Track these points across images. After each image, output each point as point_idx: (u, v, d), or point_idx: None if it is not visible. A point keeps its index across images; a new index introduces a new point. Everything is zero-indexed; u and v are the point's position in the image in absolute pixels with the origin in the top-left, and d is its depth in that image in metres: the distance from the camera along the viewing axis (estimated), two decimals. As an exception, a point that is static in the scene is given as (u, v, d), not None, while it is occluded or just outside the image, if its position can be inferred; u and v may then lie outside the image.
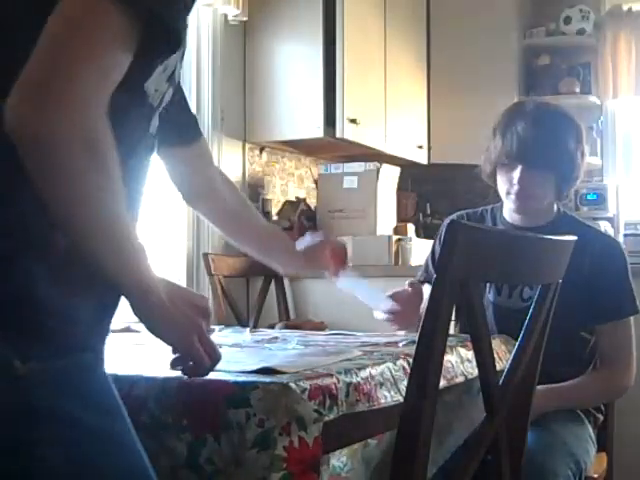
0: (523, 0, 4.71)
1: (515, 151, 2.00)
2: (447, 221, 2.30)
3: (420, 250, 3.54)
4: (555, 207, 2.14)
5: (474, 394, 1.50)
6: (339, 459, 1.24)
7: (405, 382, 1.29)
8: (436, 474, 1.56)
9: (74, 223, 0.98)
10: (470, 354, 1.57)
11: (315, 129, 3.62)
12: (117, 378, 1.22)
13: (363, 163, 3.71)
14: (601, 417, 2.12)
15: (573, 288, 1.69)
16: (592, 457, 1.97)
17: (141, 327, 1.11)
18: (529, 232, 1.91)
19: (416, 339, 1.19)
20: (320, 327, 3.06)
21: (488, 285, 2.05)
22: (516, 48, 4.64)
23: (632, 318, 2.07)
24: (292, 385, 1.11)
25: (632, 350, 2.06)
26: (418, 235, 3.80)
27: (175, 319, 1.11)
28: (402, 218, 3.92)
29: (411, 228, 3.79)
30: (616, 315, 2.04)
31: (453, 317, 1.33)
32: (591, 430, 2.02)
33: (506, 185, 2.05)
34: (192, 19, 3.57)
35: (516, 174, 2.00)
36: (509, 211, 2.13)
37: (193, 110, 1.73)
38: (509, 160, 2.02)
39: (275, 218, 3.81)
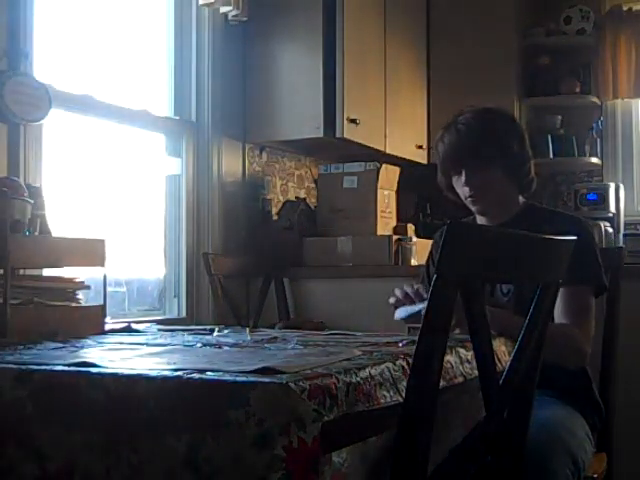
0: (523, 0, 4.71)
1: (449, 160, 2.14)
2: (437, 235, 2.36)
3: (420, 250, 3.54)
4: (521, 200, 2.18)
5: (474, 394, 1.49)
6: (339, 455, 1.24)
7: (405, 382, 1.30)
8: (435, 473, 1.56)
9: None
10: (470, 355, 1.57)
11: (315, 129, 3.61)
12: (117, 378, 1.23)
13: (363, 163, 3.70)
14: (598, 418, 2.11)
15: None
16: (590, 455, 1.97)
17: (141, 326, 1.12)
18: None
19: (416, 339, 1.19)
20: (320, 327, 3.06)
21: None
22: (516, 48, 4.64)
23: (591, 292, 2.03)
24: (291, 385, 1.11)
25: (588, 320, 2.01)
26: (418, 235, 3.79)
27: None
28: (402, 218, 3.92)
29: (411, 228, 3.79)
30: (568, 279, 1.97)
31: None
32: (588, 428, 2.02)
33: (461, 191, 2.16)
34: (192, 19, 3.57)
35: (462, 179, 2.12)
36: (476, 214, 2.21)
37: (192, 110, 1.73)
38: (452, 170, 2.14)
39: (275, 218, 3.81)
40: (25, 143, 2.67)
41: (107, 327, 2.02)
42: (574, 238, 1.51)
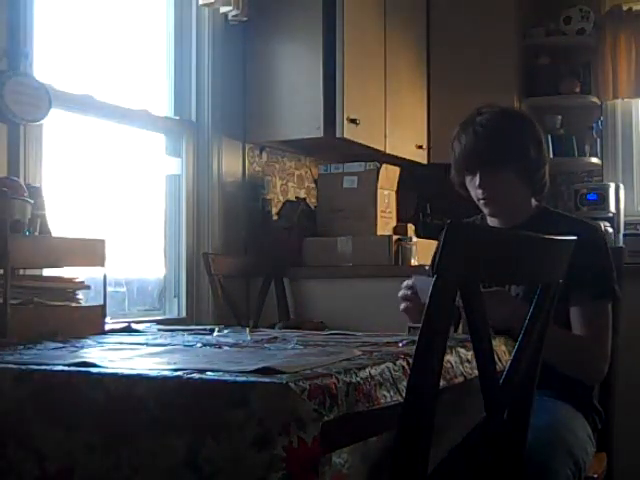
0: (523, 0, 4.71)
1: (464, 161, 2.10)
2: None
3: (420, 250, 3.54)
4: (534, 203, 2.17)
5: (474, 394, 1.50)
6: (340, 456, 1.24)
7: (405, 382, 1.29)
8: (435, 473, 1.56)
9: None
10: (470, 355, 1.57)
11: (315, 129, 3.61)
12: (117, 378, 1.23)
13: (363, 163, 3.70)
14: (598, 419, 2.11)
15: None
16: (591, 456, 1.96)
17: (141, 326, 1.12)
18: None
19: (416, 339, 1.19)
20: (320, 327, 3.06)
21: None
22: (516, 48, 4.64)
23: (610, 306, 2.03)
24: (291, 385, 1.11)
25: (608, 337, 2.02)
26: (418, 235, 3.79)
27: None
28: (402, 218, 3.92)
29: (411, 228, 3.79)
30: (589, 293, 2.00)
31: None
32: (590, 429, 2.02)
33: (474, 192, 2.13)
34: (192, 19, 3.57)
35: (477, 181, 2.09)
36: (487, 216, 2.19)
37: (192, 110, 1.73)
38: (467, 171, 2.11)
39: (275, 218, 3.81)
40: (25, 143, 2.67)
41: (107, 327, 2.01)
42: (574, 238, 1.51)
